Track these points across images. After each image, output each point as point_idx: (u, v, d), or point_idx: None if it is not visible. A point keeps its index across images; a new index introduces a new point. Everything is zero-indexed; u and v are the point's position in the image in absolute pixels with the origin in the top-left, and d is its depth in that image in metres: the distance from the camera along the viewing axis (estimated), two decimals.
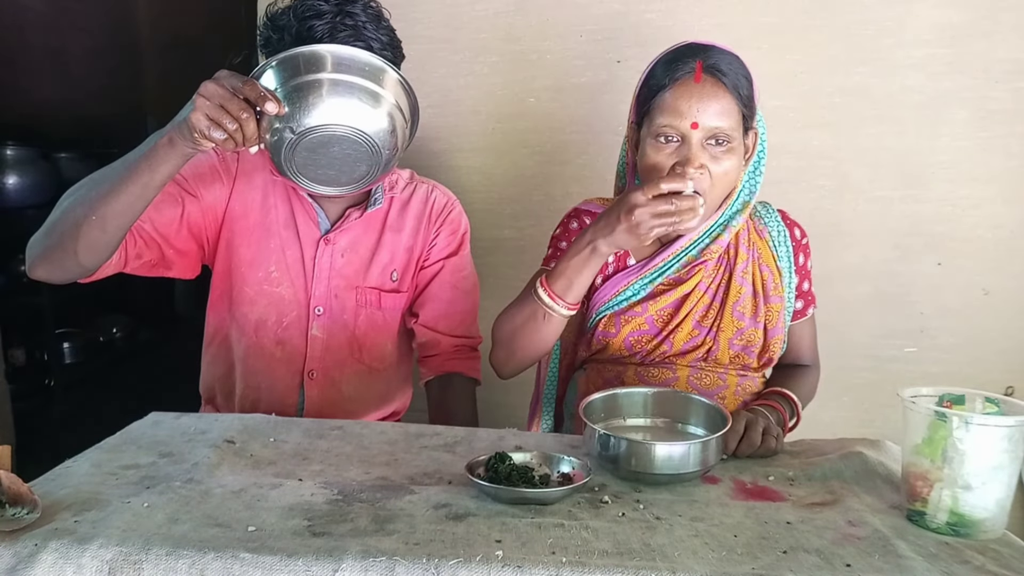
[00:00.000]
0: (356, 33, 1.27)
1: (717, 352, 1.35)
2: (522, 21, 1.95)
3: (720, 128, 1.20)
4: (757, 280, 1.36)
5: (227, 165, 1.45)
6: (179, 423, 1.21)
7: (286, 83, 1.16)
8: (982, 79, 1.80)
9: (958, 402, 0.93)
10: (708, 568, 0.80)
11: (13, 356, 3.09)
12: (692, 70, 1.20)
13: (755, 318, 1.35)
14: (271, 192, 1.46)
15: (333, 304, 1.47)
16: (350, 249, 1.47)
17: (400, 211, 1.51)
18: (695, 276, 1.34)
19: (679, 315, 1.34)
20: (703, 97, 1.19)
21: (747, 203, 1.35)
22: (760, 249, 1.38)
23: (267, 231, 1.45)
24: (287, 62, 1.16)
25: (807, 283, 1.42)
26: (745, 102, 1.23)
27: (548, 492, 0.96)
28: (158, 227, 1.36)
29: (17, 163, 3.08)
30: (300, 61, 1.16)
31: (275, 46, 1.30)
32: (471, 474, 0.98)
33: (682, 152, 1.21)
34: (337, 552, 0.81)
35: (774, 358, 1.39)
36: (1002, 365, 1.89)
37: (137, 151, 1.19)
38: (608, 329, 1.37)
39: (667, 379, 1.38)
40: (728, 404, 1.36)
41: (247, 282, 1.45)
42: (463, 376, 1.51)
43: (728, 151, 1.22)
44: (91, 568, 0.80)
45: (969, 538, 0.89)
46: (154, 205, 1.27)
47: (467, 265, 1.56)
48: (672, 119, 1.20)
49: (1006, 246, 1.86)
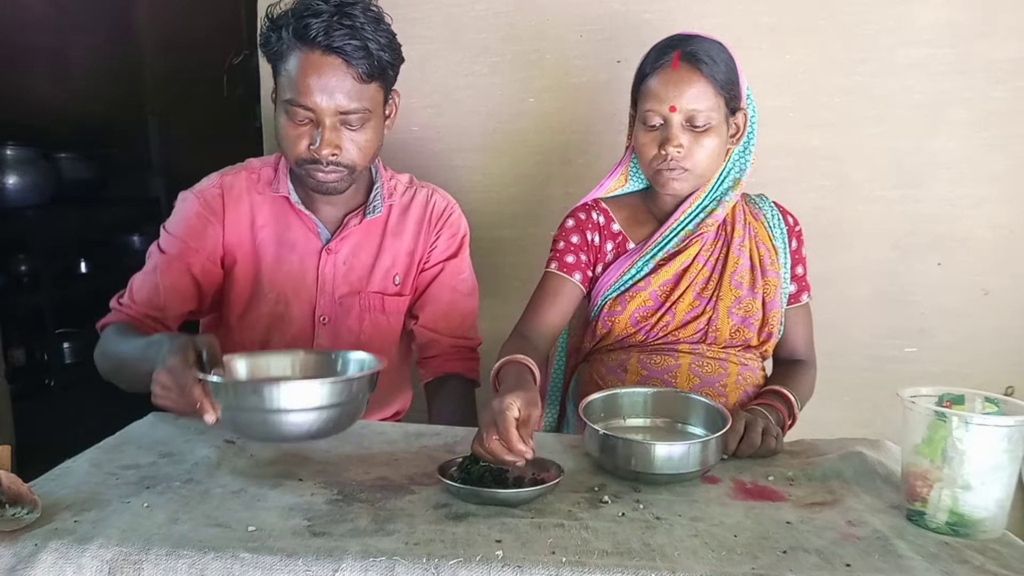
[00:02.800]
0: (353, 33, 1.26)
1: (717, 321, 1.39)
2: (522, 21, 1.95)
3: (697, 110, 1.31)
4: (754, 255, 1.43)
5: (211, 206, 1.42)
6: (179, 423, 1.21)
7: (232, 407, 1.00)
8: (982, 79, 1.80)
9: (958, 402, 0.93)
10: (708, 568, 0.80)
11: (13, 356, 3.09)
12: (671, 59, 1.32)
13: (753, 289, 1.41)
14: (258, 212, 1.44)
15: (337, 312, 1.46)
16: (352, 256, 1.46)
17: (400, 216, 1.50)
18: (693, 247, 1.41)
19: (680, 287, 1.40)
20: (679, 83, 1.31)
21: (738, 180, 1.43)
22: (756, 229, 1.45)
23: (258, 253, 1.44)
24: (237, 389, 1.03)
25: (801, 268, 1.48)
26: (723, 85, 1.33)
27: (515, 493, 0.95)
28: (182, 302, 1.40)
29: (17, 163, 3.08)
30: (249, 391, 1.01)
31: (275, 46, 1.30)
32: (443, 475, 0.98)
33: (664, 133, 1.33)
34: (337, 552, 0.81)
35: (773, 333, 1.43)
36: (1002, 365, 1.89)
37: (140, 352, 1.17)
38: (614, 308, 1.42)
39: (669, 366, 1.39)
40: (729, 393, 1.38)
41: (248, 307, 1.46)
42: (462, 377, 1.51)
43: (706, 131, 1.33)
44: (91, 568, 0.80)
45: (969, 538, 0.89)
46: (168, 288, 1.37)
47: (466, 268, 1.56)
48: (654, 103, 1.33)
49: (1006, 246, 1.86)
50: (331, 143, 1.30)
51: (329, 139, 1.29)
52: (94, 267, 3.58)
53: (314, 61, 1.26)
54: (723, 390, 1.38)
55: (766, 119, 1.87)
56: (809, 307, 1.51)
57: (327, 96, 1.27)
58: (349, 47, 1.26)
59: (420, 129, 2.02)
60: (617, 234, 1.47)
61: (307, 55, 1.26)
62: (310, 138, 1.30)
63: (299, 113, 1.29)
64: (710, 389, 1.37)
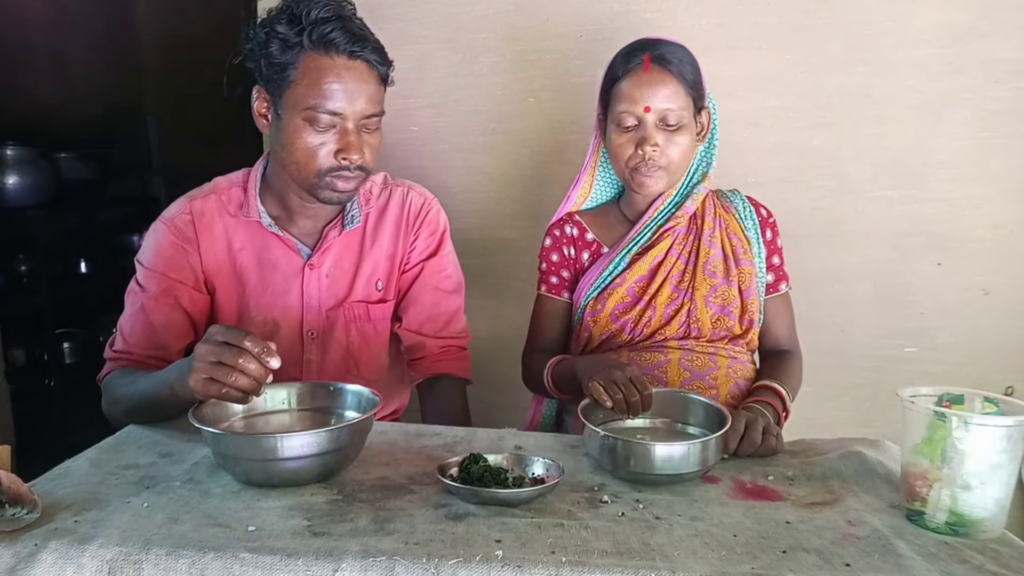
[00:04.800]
0: (367, 37, 1.28)
1: (696, 312, 1.42)
2: (522, 21, 1.95)
3: (670, 109, 1.37)
4: (726, 244, 1.47)
5: (184, 233, 1.39)
6: (179, 423, 1.21)
7: (232, 456, 1.00)
8: (982, 79, 1.80)
9: (957, 402, 0.93)
10: (708, 568, 0.80)
11: (13, 356, 3.09)
12: (642, 61, 1.37)
13: (727, 278, 1.45)
14: (234, 236, 1.42)
15: (324, 325, 1.45)
16: (334, 267, 1.44)
17: (378, 219, 1.48)
18: (665, 240, 1.46)
19: (656, 281, 1.45)
20: (652, 84, 1.37)
21: (706, 173, 1.49)
22: (727, 221, 1.50)
23: (241, 278, 1.42)
24: (240, 440, 1.03)
25: (777, 258, 1.51)
26: (691, 85, 1.39)
27: (515, 493, 0.95)
28: (180, 337, 1.39)
29: (17, 163, 3.08)
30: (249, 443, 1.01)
31: (279, 56, 1.27)
32: (442, 475, 0.98)
33: (639, 134, 1.39)
34: (337, 552, 0.81)
35: (754, 320, 1.45)
36: (1002, 365, 1.89)
37: (160, 381, 1.16)
38: (595, 307, 1.46)
39: (659, 362, 1.41)
40: (720, 387, 1.39)
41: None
42: (452, 377, 1.49)
43: (679, 129, 1.39)
44: (91, 568, 0.80)
45: (968, 538, 0.89)
46: (163, 326, 1.36)
47: (448, 265, 1.53)
48: (628, 105, 1.38)
49: (1006, 246, 1.86)
50: (359, 147, 1.30)
51: (357, 143, 1.29)
52: (94, 267, 3.58)
53: (340, 67, 1.26)
54: (714, 383, 1.39)
55: (766, 119, 1.88)
56: (789, 296, 1.53)
57: (353, 101, 1.27)
58: (369, 51, 1.27)
59: (420, 129, 2.02)
60: (592, 242, 1.52)
61: (331, 61, 1.25)
62: (335, 145, 1.29)
63: (322, 120, 1.27)
64: (701, 383, 1.38)
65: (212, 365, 1.00)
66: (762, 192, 1.57)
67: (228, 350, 1.00)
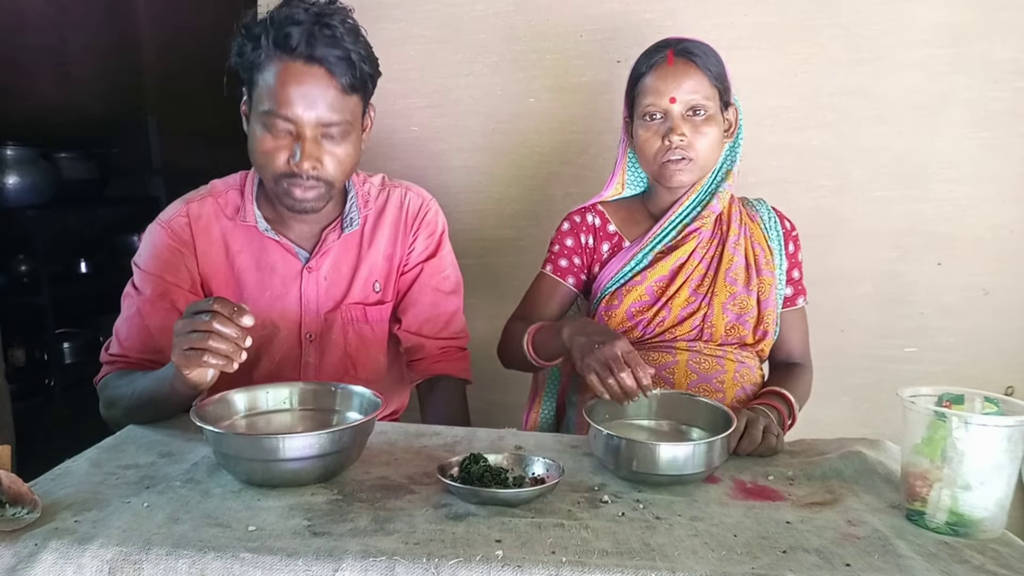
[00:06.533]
0: (335, 42, 1.22)
1: (712, 317, 1.40)
2: (522, 21, 1.95)
3: (696, 99, 1.36)
4: (749, 253, 1.45)
5: (180, 236, 1.38)
6: (179, 423, 1.21)
7: (232, 455, 1.00)
8: (982, 79, 1.80)
9: (958, 402, 0.93)
10: (708, 568, 0.80)
11: (13, 356, 3.10)
12: (665, 56, 1.37)
13: (748, 286, 1.42)
14: (231, 239, 1.40)
15: (322, 327, 1.44)
16: (333, 270, 1.44)
17: (375, 221, 1.47)
18: (689, 242, 1.43)
19: (676, 283, 1.42)
20: (677, 75, 1.36)
21: (730, 171, 1.46)
22: (752, 229, 1.47)
23: (239, 281, 1.41)
24: (239, 440, 1.03)
25: (797, 272, 1.50)
26: (717, 77, 1.38)
27: (515, 493, 0.95)
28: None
29: (17, 163, 3.08)
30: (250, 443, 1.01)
31: (250, 56, 1.26)
32: (443, 475, 0.98)
33: (666, 126, 1.36)
34: (337, 552, 0.81)
35: (769, 332, 1.43)
36: (1002, 365, 1.89)
37: (159, 378, 1.18)
38: (611, 303, 1.44)
39: (667, 363, 1.40)
40: (727, 390, 1.39)
41: None
42: (452, 378, 1.49)
43: (707, 120, 1.37)
44: (91, 568, 0.80)
45: (968, 538, 0.89)
46: (159, 329, 1.32)
47: (447, 266, 1.52)
48: (653, 98, 1.37)
49: (1006, 246, 1.86)
50: (312, 156, 1.25)
51: (310, 152, 1.25)
52: (94, 267, 3.58)
53: (295, 71, 1.22)
54: (720, 386, 1.38)
55: (766, 119, 1.88)
56: (805, 311, 1.52)
57: (309, 107, 1.23)
58: (332, 57, 1.23)
59: (420, 129, 2.02)
60: (613, 235, 1.49)
61: (288, 64, 1.22)
62: (290, 151, 1.25)
63: (278, 125, 1.24)
64: (707, 385, 1.38)
65: (188, 336, 1.02)
66: (762, 192, 1.57)
67: (199, 318, 1.02)
